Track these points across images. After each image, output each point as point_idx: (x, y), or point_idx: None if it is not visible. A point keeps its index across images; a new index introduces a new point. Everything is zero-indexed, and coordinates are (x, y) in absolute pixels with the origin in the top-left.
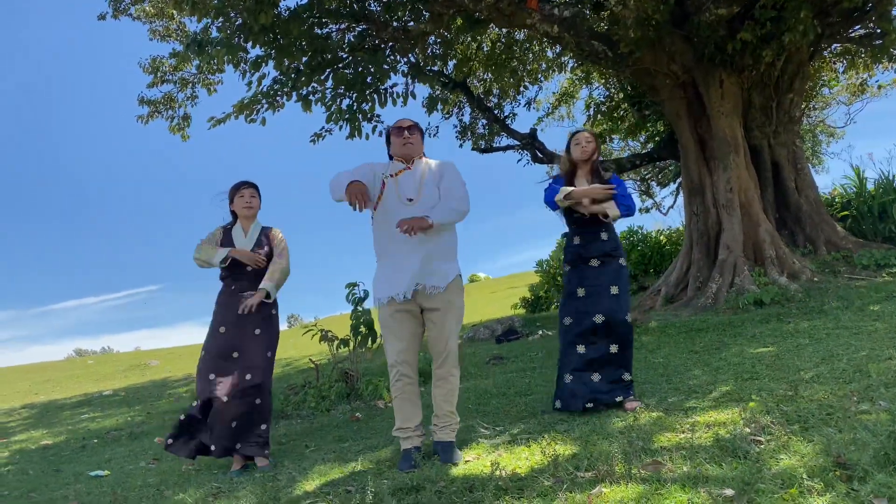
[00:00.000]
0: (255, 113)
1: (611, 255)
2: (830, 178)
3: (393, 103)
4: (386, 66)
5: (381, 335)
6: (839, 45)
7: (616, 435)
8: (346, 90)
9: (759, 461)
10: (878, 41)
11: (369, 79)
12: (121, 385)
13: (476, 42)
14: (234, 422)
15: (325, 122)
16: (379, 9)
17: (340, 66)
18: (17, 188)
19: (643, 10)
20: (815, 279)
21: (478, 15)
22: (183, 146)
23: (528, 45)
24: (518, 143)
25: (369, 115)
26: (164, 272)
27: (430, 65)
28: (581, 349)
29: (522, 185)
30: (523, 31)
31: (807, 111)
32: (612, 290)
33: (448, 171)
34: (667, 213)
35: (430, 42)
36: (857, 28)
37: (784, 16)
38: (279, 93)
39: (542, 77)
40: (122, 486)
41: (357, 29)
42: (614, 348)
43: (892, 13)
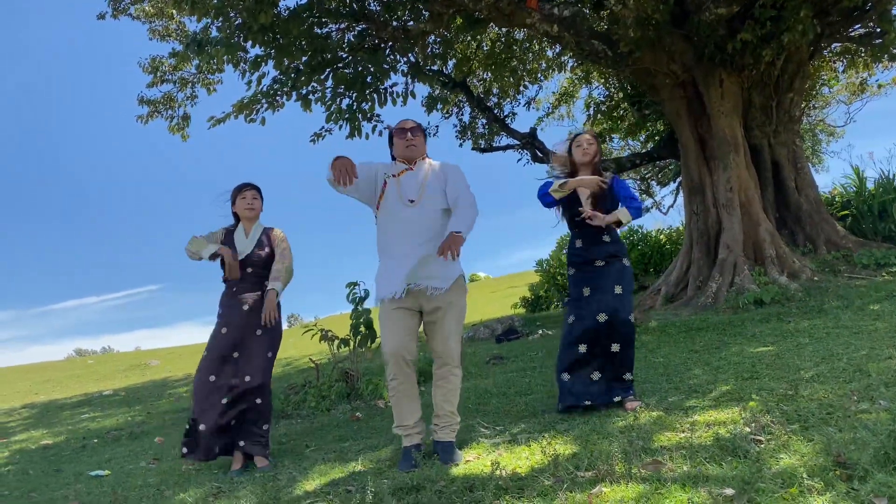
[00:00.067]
0: (254, 112)
1: (615, 255)
2: (830, 177)
3: (393, 103)
4: (386, 66)
5: (380, 335)
6: (839, 45)
7: (616, 434)
8: (345, 90)
9: (760, 460)
10: (878, 40)
11: (369, 78)
12: (121, 385)
13: (476, 41)
14: (234, 420)
15: (325, 121)
16: (379, 8)
17: (340, 65)
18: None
19: (643, 9)
20: (815, 278)
21: (477, 14)
22: (183, 146)
23: (528, 44)
24: (518, 142)
25: (369, 115)
26: (164, 272)
27: (429, 64)
28: (582, 348)
29: (522, 185)
30: (523, 30)
31: (807, 110)
32: (616, 289)
33: (452, 175)
34: (667, 213)
35: (430, 41)
36: (856, 27)
37: (784, 15)
38: (279, 92)
39: (542, 76)
40: (122, 485)
41: (357, 28)
42: (616, 347)
43: (892, 12)
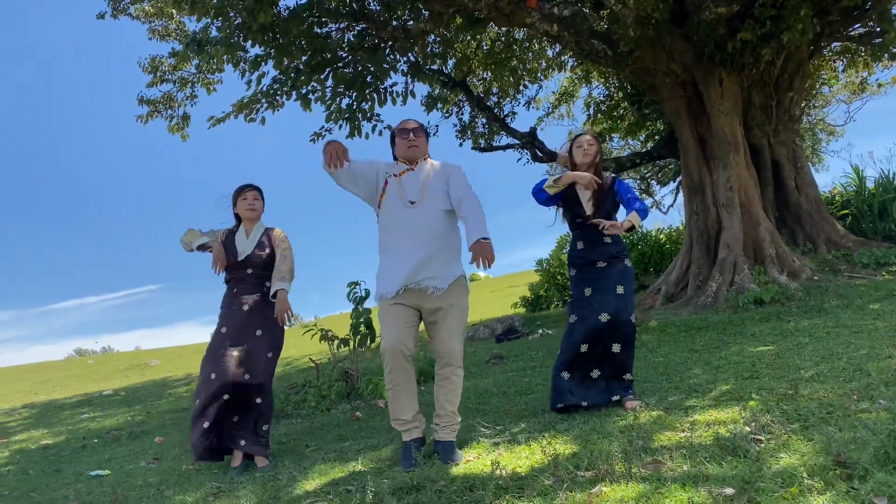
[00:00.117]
0: (254, 112)
1: (616, 256)
2: (830, 176)
3: (392, 102)
4: (386, 66)
5: (379, 335)
6: (839, 44)
7: (616, 434)
8: (345, 89)
9: (760, 460)
10: (878, 39)
11: (369, 78)
12: (121, 385)
13: (476, 41)
14: (234, 418)
15: (325, 121)
16: (378, 8)
17: (340, 65)
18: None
19: (643, 8)
20: (815, 278)
21: (477, 14)
22: (183, 146)
23: (528, 43)
24: (518, 142)
25: (369, 115)
26: (164, 272)
27: (429, 63)
28: (584, 348)
29: (522, 185)
30: (523, 30)
31: (807, 110)
32: (618, 289)
33: (454, 176)
34: (667, 212)
35: (430, 41)
36: (856, 26)
37: (784, 14)
38: (279, 92)
39: (542, 76)
40: (122, 485)
41: (356, 28)
42: (617, 348)
43: (892, 12)
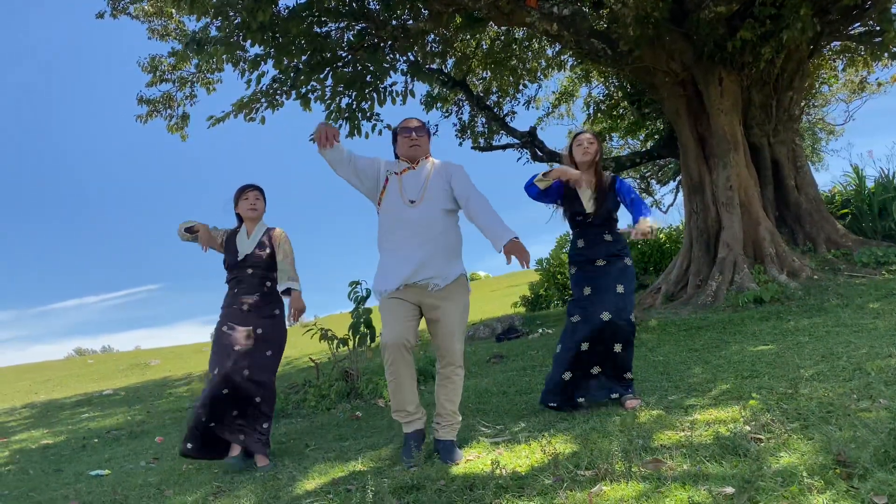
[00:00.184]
0: (254, 112)
1: (616, 255)
2: (830, 175)
3: (392, 102)
4: (385, 65)
5: (380, 334)
6: (839, 43)
7: (616, 433)
8: (345, 89)
9: (760, 459)
10: (878, 39)
11: (368, 77)
12: (121, 384)
13: (475, 40)
14: (234, 412)
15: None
16: (378, 7)
17: (340, 64)
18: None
19: (642, 7)
20: (815, 277)
21: (477, 13)
22: (183, 146)
23: (528, 43)
24: (518, 141)
25: (369, 114)
26: (164, 271)
27: (429, 63)
28: (585, 346)
29: (522, 184)
30: (522, 29)
31: (806, 109)
32: (619, 288)
33: (457, 175)
34: (666, 212)
35: (430, 40)
36: (856, 25)
37: (783, 13)
38: (278, 91)
39: (542, 75)
40: (122, 485)
41: (356, 27)
42: (618, 347)
43: (892, 11)
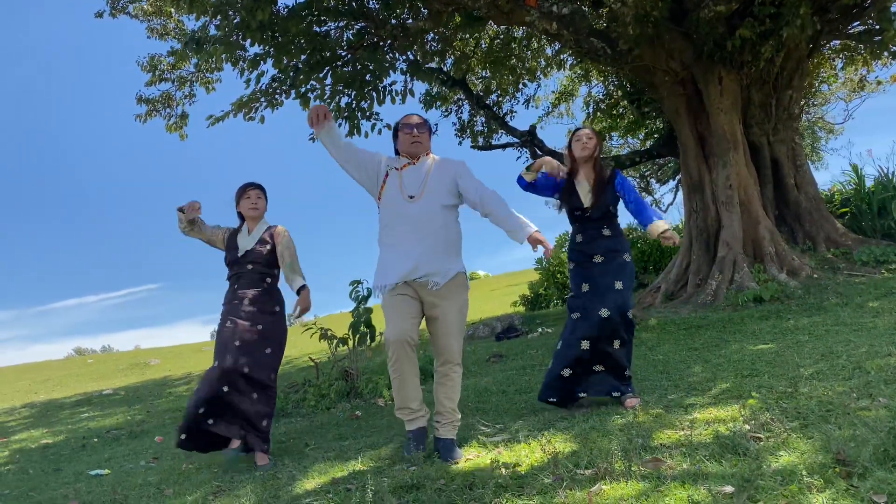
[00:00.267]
0: (253, 111)
1: (615, 250)
2: (829, 174)
3: (392, 101)
4: (385, 64)
5: (380, 333)
6: (838, 42)
7: (616, 432)
8: (344, 88)
9: (759, 458)
10: (877, 37)
11: (368, 76)
12: (120, 384)
13: (475, 39)
14: (233, 409)
15: None
16: (377, 6)
17: (339, 63)
18: (17, 188)
19: (642, 6)
20: (815, 276)
21: (476, 12)
22: (183, 145)
23: (527, 42)
24: (517, 140)
25: (368, 113)
26: (164, 271)
27: (428, 61)
28: (585, 345)
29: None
30: (522, 28)
31: (806, 108)
32: (617, 285)
33: (461, 172)
34: (666, 211)
35: (429, 39)
36: (855, 24)
37: (783, 12)
38: (278, 91)
39: (541, 74)
40: (122, 484)
41: (355, 26)
42: (617, 344)
43: (891, 10)
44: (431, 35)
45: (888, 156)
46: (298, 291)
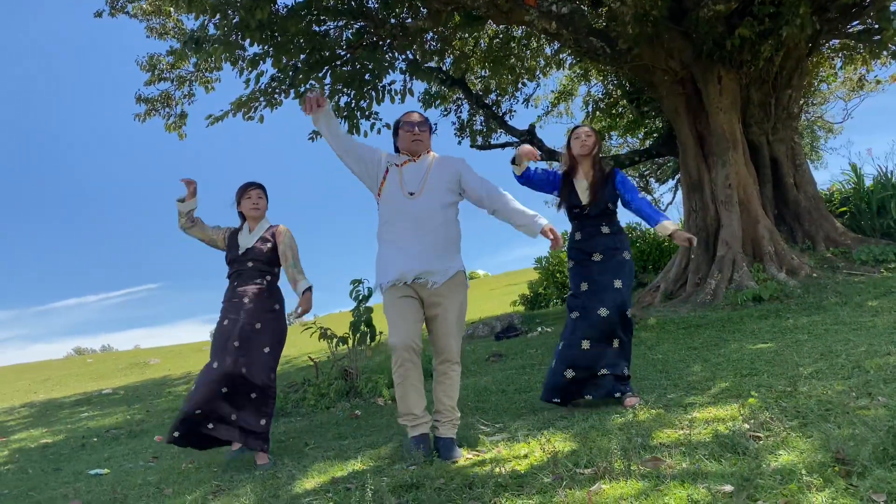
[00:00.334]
0: (253, 111)
1: (614, 248)
2: (829, 173)
3: (391, 100)
4: (384, 63)
5: (380, 332)
6: (837, 41)
7: (615, 431)
8: (344, 87)
9: (759, 457)
10: (877, 37)
11: (367, 76)
12: (120, 383)
13: (474, 39)
14: (232, 408)
15: None
16: (377, 6)
17: (338, 63)
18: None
19: (641, 6)
20: (814, 275)
21: (475, 11)
22: (183, 144)
23: (526, 41)
24: (516, 139)
25: (367, 113)
26: (163, 271)
27: (427, 61)
28: (586, 344)
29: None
30: (521, 27)
31: (805, 107)
32: (616, 283)
33: (463, 170)
34: (665, 210)
35: (428, 38)
36: (855, 23)
37: (782, 11)
38: (277, 90)
39: (541, 74)
40: (121, 484)
41: (355, 26)
42: (616, 343)
43: (891, 9)
44: (430, 34)
45: (887, 155)
46: (302, 293)
